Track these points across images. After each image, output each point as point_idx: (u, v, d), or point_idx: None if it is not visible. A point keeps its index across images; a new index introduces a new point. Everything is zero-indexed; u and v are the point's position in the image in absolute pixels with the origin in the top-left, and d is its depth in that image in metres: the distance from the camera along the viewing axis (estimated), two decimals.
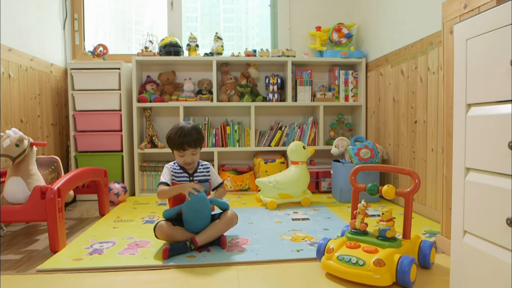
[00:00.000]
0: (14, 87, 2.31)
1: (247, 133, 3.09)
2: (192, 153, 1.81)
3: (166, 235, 1.68)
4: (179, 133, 1.78)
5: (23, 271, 1.50)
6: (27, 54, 2.47)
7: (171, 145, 1.82)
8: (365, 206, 1.49)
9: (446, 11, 1.61)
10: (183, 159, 1.81)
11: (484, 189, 0.98)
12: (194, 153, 1.82)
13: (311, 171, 2.98)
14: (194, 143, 1.79)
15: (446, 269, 1.46)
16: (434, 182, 2.16)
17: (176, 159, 1.85)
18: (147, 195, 2.96)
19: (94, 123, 2.85)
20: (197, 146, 1.81)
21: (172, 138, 1.80)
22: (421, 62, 2.27)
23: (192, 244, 1.64)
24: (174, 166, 1.85)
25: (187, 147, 1.78)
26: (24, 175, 1.78)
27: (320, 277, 1.41)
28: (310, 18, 3.35)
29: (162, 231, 1.68)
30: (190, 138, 1.78)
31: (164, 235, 1.69)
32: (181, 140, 1.77)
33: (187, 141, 1.77)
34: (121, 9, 3.76)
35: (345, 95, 3.17)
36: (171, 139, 1.80)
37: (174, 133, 1.80)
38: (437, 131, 2.12)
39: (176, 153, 1.82)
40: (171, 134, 1.81)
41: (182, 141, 1.77)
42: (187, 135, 1.78)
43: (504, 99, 0.92)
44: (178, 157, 1.82)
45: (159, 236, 1.70)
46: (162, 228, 1.69)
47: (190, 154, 1.80)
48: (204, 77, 3.19)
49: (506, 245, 0.90)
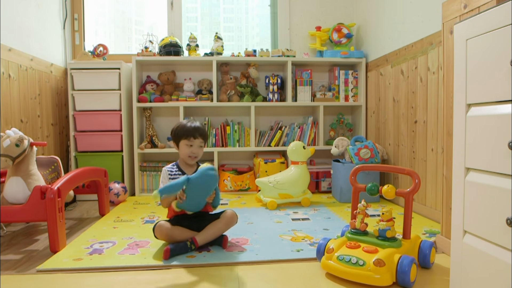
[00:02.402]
0: (14, 87, 2.31)
1: (247, 133, 3.09)
2: (199, 145, 1.80)
3: (166, 235, 1.68)
4: (190, 123, 1.81)
5: (23, 271, 1.50)
6: (27, 54, 2.47)
7: (179, 135, 1.79)
8: (365, 206, 1.49)
9: (446, 11, 1.61)
10: (191, 149, 1.78)
11: (484, 189, 0.98)
12: (201, 145, 1.81)
13: (311, 171, 2.98)
14: (203, 134, 1.81)
15: (446, 269, 1.46)
16: (434, 182, 2.16)
17: (181, 152, 1.80)
18: (147, 195, 2.96)
19: (94, 123, 2.85)
20: (204, 139, 1.83)
21: (182, 127, 1.79)
22: (421, 62, 2.27)
23: (192, 244, 1.64)
24: (171, 168, 1.82)
25: (198, 135, 1.78)
26: (24, 175, 1.78)
27: (320, 277, 1.41)
28: (310, 18, 3.35)
29: (162, 231, 1.68)
30: (200, 128, 1.81)
31: (164, 235, 1.68)
32: (192, 127, 1.78)
33: (198, 129, 1.79)
34: (121, 9, 3.76)
35: (345, 95, 3.17)
36: (181, 128, 1.79)
37: (183, 124, 1.81)
38: (437, 131, 2.12)
39: (184, 142, 1.78)
40: (180, 124, 1.81)
41: (194, 128, 1.78)
42: (198, 126, 1.81)
43: (504, 99, 0.92)
44: (184, 147, 1.78)
45: (159, 236, 1.70)
46: (161, 228, 1.68)
47: (198, 145, 1.79)
48: (204, 77, 3.19)
49: (506, 245, 0.90)
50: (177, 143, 1.82)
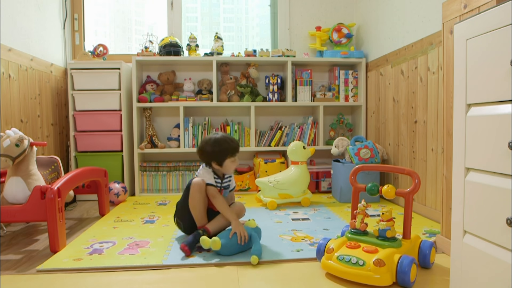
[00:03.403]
0: (14, 87, 2.31)
1: (247, 133, 3.09)
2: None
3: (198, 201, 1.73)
4: (229, 138, 1.85)
5: (23, 271, 1.50)
6: (27, 54, 2.47)
7: (224, 154, 1.82)
8: (365, 206, 1.49)
9: (446, 11, 1.61)
10: (235, 163, 1.86)
11: (484, 189, 0.98)
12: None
13: (311, 171, 2.98)
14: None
15: (446, 269, 1.46)
16: (434, 182, 2.16)
17: (225, 169, 1.84)
18: (147, 195, 2.96)
19: (94, 123, 2.85)
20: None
21: (224, 145, 1.82)
22: (421, 62, 2.27)
23: (205, 232, 1.69)
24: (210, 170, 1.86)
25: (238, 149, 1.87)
26: (24, 175, 1.78)
27: (320, 277, 1.41)
28: (310, 18, 3.35)
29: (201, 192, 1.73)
30: (236, 140, 1.89)
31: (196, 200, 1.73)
32: (235, 144, 1.85)
33: (237, 143, 1.88)
34: (121, 9, 3.76)
35: (345, 95, 3.17)
36: (226, 147, 1.82)
37: (221, 141, 1.82)
38: (437, 131, 2.12)
39: (230, 160, 1.83)
40: (218, 143, 1.81)
41: (237, 144, 1.86)
42: (236, 140, 1.89)
43: (504, 99, 0.92)
44: (230, 164, 1.84)
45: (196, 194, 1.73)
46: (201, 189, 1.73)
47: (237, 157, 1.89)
48: (204, 77, 3.19)
49: (506, 245, 0.90)
50: (221, 162, 1.83)
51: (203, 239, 1.59)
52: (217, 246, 1.57)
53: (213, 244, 1.57)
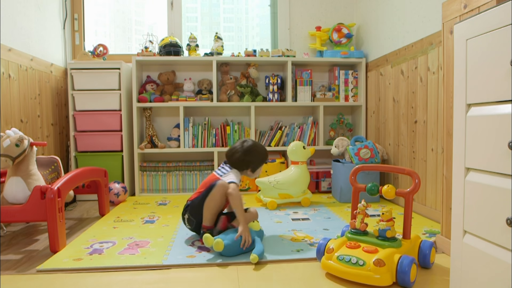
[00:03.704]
0: (14, 87, 2.31)
1: (247, 133, 3.09)
2: None
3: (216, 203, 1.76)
4: (258, 147, 1.94)
5: (23, 271, 1.50)
6: (27, 54, 2.47)
7: (260, 162, 1.93)
8: (365, 206, 1.49)
9: (446, 11, 1.61)
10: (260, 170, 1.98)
11: (484, 189, 0.98)
12: None
13: (311, 171, 2.98)
14: None
15: (446, 269, 1.47)
16: (434, 182, 2.16)
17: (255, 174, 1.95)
18: (147, 195, 2.96)
19: (94, 123, 2.85)
20: None
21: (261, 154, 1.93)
22: (421, 62, 2.27)
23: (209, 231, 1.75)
24: (239, 173, 1.91)
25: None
26: (24, 175, 1.78)
27: (320, 277, 1.41)
28: (310, 18, 3.35)
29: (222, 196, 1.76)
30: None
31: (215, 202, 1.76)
32: (266, 150, 1.99)
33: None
34: (121, 9, 3.76)
35: (345, 95, 3.17)
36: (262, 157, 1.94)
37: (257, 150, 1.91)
38: (437, 131, 2.12)
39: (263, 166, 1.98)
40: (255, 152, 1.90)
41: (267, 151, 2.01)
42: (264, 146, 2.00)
43: (504, 99, 0.92)
44: (260, 169, 1.96)
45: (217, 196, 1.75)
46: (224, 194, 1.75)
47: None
48: (204, 77, 3.19)
49: (506, 245, 0.90)
50: (255, 169, 1.93)
51: (206, 237, 1.59)
52: (220, 248, 1.57)
53: (216, 245, 1.57)
